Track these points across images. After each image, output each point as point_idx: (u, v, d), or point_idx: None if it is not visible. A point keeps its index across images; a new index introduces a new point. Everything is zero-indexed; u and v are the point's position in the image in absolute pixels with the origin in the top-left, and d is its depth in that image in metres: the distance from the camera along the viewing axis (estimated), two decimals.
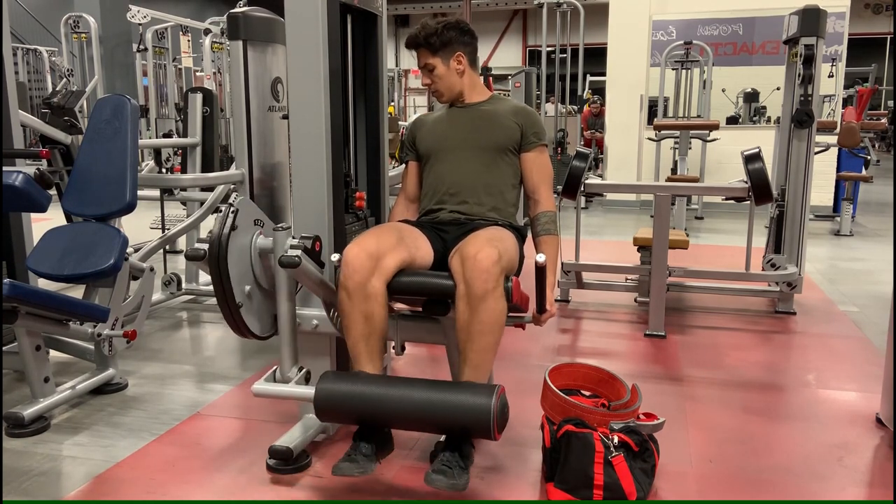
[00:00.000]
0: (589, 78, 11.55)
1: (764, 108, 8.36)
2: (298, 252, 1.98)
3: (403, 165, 2.56)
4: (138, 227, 5.10)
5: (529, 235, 2.38)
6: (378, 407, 1.88)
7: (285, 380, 2.15)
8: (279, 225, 2.06)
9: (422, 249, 2.16)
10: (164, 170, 5.60)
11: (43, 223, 2.93)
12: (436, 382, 1.96)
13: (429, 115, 2.55)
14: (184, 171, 4.35)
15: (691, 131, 7.00)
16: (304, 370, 2.17)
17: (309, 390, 2.03)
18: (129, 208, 2.66)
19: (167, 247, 4.41)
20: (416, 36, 2.32)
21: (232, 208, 2.00)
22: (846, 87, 8.92)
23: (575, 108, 9.96)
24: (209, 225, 2.28)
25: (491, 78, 8.80)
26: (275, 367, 2.17)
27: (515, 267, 2.16)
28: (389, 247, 2.04)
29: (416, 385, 1.93)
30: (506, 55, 18.79)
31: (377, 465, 1.91)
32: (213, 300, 2.16)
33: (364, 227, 2.48)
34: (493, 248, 1.95)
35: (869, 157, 7.48)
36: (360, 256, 1.98)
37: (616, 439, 1.97)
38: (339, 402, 1.91)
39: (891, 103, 16.54)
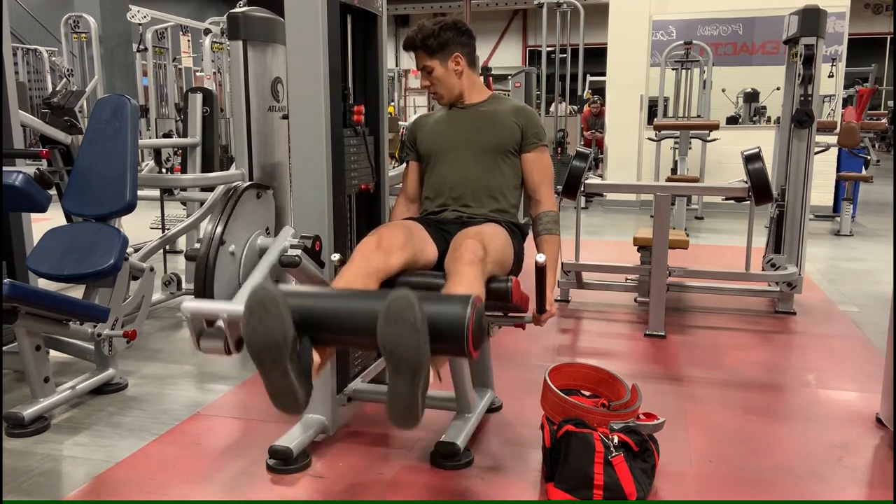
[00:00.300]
0: (589, 78, 11.55)
1: (764, 108, 8.36)
2: (298, 252, 1.98)
3: (404, 165, 2.56)
4: (138, 227, 5.10)
5: (530, 234, 2.38)
6: (324, 311, 1.64)
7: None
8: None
9: (427, 249, 2.18)
10: (164, 170, 5.61)
11: (43, 223, 2.93)
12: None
13: (429, 115, 2.55)
14: (184, 171, 4.36)
15: (691, 131, 7.00)
16: None
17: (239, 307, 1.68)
18: (129, 208, 2.66)
19: (167, 247, 4.41)
20: (414, 38, 2.32)
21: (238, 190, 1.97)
22: (846, 87, 8.92)
23: (575, 108, 9.96)
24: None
25: (491, 78, 8.80)
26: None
27: (506, 264, 2.16)
28: (398, 245, 2.05)
29: (375, 295, 1.78)
30: (506, 55, 18.79)
31: (298, 394, 1.60)
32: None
33: (362, 143, 2.43)
34: (479, 241, 1.98)
35: (869, 157, 7.49)
36: (377, 247, 2.01)
37: (616, 439, 1.97)
38: (273, 302, 1.53)
39: (891, 103, 16.54)
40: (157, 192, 4.19)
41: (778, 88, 5.84)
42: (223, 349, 1.78)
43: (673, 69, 7.79)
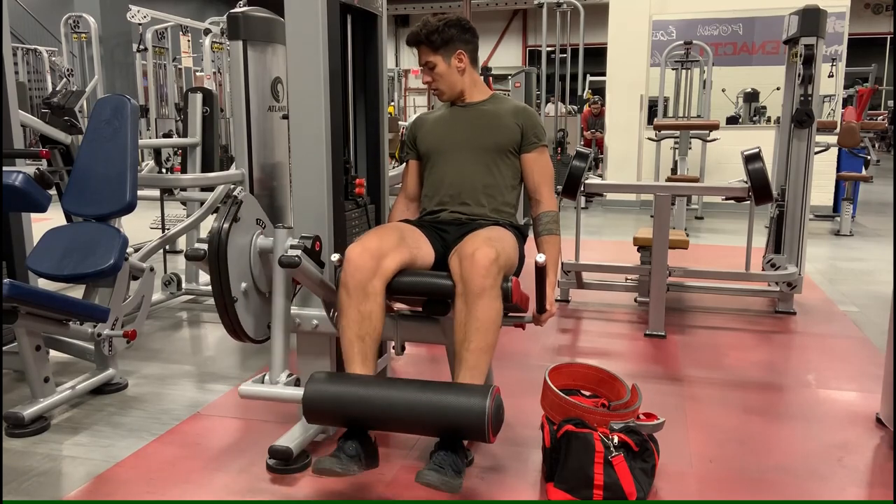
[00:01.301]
0: (589, 78, 11.54)
1: (764, 108, 8.36)
2: (298, 252, 1.99)
3: (404, 165, 2.56)
4: (138, 227, 5.10)
5: (531, 235, 2.38)
6: (368, 408, 1.83)
7: (274, 384, 2.14)
8: (279, 224, 2.06)
9: (423, 250, 2.17)
10: (164, 170, 5.60)
11: (43, 223, 2.93)
12: (428, 383, 1.92)
13: (429, 113, 2.55)
14: (184, 171, 4.35)
15: (691, 131, 7.00)
16: (293, 377, 2.17)
17: (297, 392, 2.01)
18: (129, 208, 2.66)
19: (167, 247, 4.41)
20: (418, 33, 2.32)
21: (236, 199, 2.00)
22: (846, 87, 8.92)
23: (575, 108, 9.96)
24: (209, 225, 2.27)
25: (491, 78, 8.78)
26: (266, 373, 2.17)
27: (514, 267, 2.16)
28: (391, 247, 2.04)
29: (407, 386, 1.91)
30: (506, 55, 18.78)
31: (361, 471, 1.86)
32: (213, 300, 2.16)
33: (364, 214, 2.47)
34: (491, 247, 1.95)
35: (869, 157, 7.48)
36: (363, 256, 1.98)
37: (616, 439, 1.97)
38: (328, 403, 1.86)
39: (891, 103, 16.54)
40: (157, 192, 4.19)
41: (778, 88, 5.84)
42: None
43: (673, 69, 7.79)
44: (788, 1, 4.58)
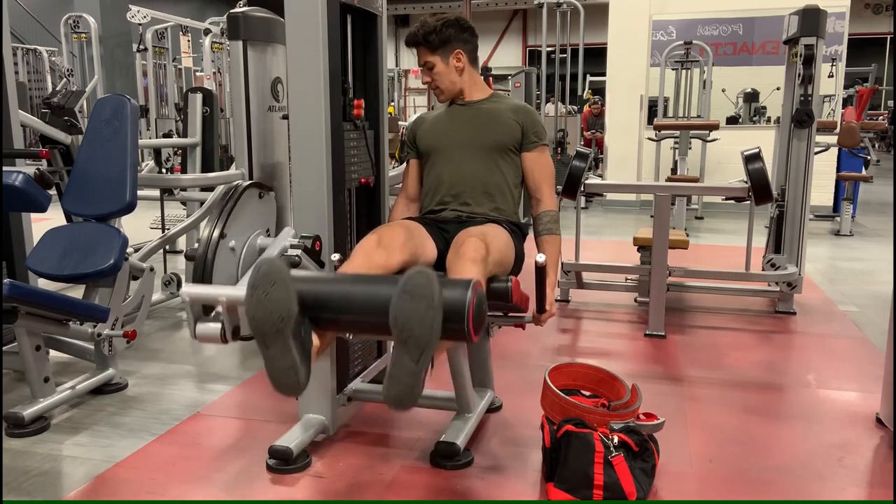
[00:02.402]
0: (589, 78, 11.54)
1: (764, 108, 8.36)
2: (298, 252, 1.98)
3: (404, 164, 2.56)
4: (138, 227, 5.09)
5: (530, 233, 2.38)
6: (329, 292, 1.67)
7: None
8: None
9: (426, 248, 2.18)
10: (164, 170, 5.60)
11: (43, 223, 2.93)
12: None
13: (429, 113, 2.56)
14: (184, 171, 4.36)
15: (691, 131, 7.00)
16: None
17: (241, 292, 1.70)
18: (129, 208, 2.66)
19: (167, 247, 4.41)
20: (416, 34, 2.32)
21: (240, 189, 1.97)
22: (846, 87, 8.92)
23: (575, 108, 9.96)
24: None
25: (491, 78, 8.78)
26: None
27: (507, 265, 2.16)
28: (399, 244, 2.05)
29: (378, 280, 1.80)
30: (506, 55, 18.78)
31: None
32: None
33: (362, 137, 2.42)
34: (481, 241, 1.98)
35: (869, 157, 7.48)
36: (378, 250, 2.01)
37: (616, 439, 1.97)
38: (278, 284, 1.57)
39: (891, 103, 16.54)
40: (157, 192, 4.19)
41: (778, 88, 5.84)
42: (220, 336, 1.76)
43: (673, 69, 7.79)
44: (788, 1, 4.58)
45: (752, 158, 3.61)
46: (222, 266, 1.98)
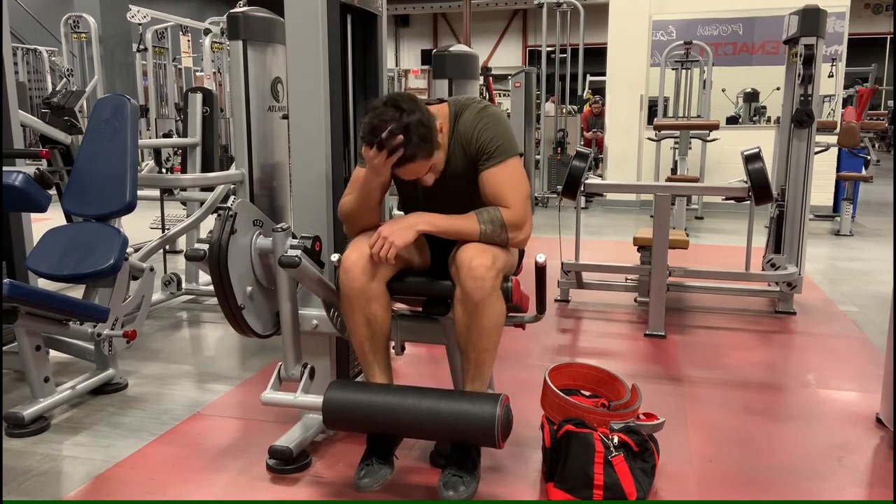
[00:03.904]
0: (589, 78, 11.54)
1: (764, 108, 8.36)
2: (298, 252, 1.98)
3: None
4: (138, 227, 5.10)
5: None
6: (386, 416, 1.91)
7: (290, 377, 2.15)
8: (279, 225, 2.05)
9: (419, 250, 2.16)
10: (164, 170, 5.60)
11: (43, 223, 2.93)
12: (442, 392, 1.98)
13: None
14: (184, 171, 4.36)
15: (691, 131, 7.00)
16: (308, 366, 2.17)
17: (317, 399, 2.02)
18: (129, 208, 2.66)
19: (167, 247, 4.41)
20: (378, 141, 1.85)
21: (230, 212, 1.99)
22: (846, 87, 8.92)
23: (575, 108, 9.96)
24: (209, 225, 2.27)
25: (491, 78, 8.78)
26: (279, 365, 2.17)
27: (514, 266, 2.15)
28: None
29: (422, 395, 1.95)
30: (506, 55, 18.79)
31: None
32: (213, 300, 2.16)
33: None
34: (487, 253, 1.93)
35: (869, 157, 7.48)
36: (359, 263, 1.96)
37: (616, 439, 1.97)
38: (347, 412, 1.95)
39: (891, 103, 16.54)
40: (157, 192, 4.19)
41: (778, 88, 5.83)
42: None
43: (673, 69, 7.79)
44: (788, 1, 4.58)
45: (752, 158, 3.60)
46: (235, 262, 2.01)
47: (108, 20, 8.92)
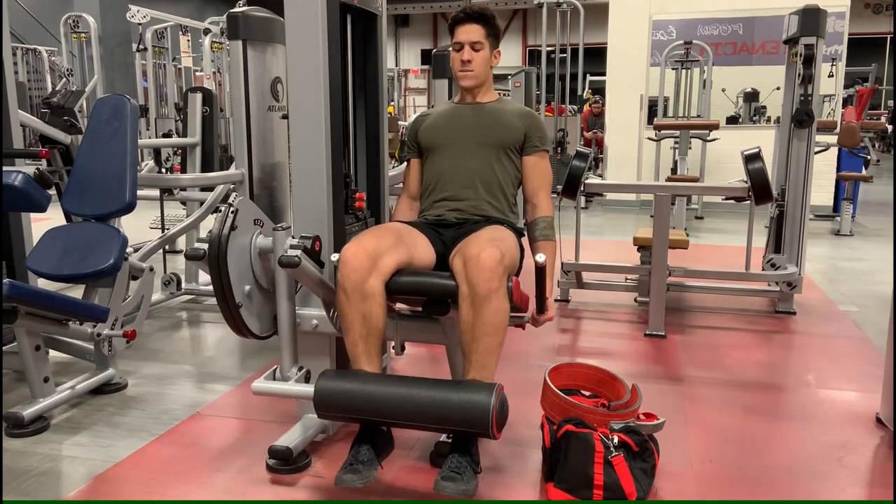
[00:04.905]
0: (589, 78, 11.54)
1: (764, 108, 8.36)
2: (298, 252, 1.98)
3: (405, 164, 2.56)
4: (138, 227, 5.10)
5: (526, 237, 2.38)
6: (378, 404, 1.88)
7: (285, 379, 2.15)
8: (279, 224, 2.05)
9: (421, 249, 2.16)
10: (163, 170, 5.60)
11: (43, 223, 2.93)
12: (436, 381, 1.95)
13: (431, 111, 2.56)
14: (183, 171, 4.35)
15: (691, 131, 7.00)
16: (303, 370, 2.17)
17: (308, 388, 2.03)
18: (129, 208, 2.66)
19: (167, 247, 4.41)
20: (477, 12, 2.33)
21: (231, 208, 2.00)
22: (846, 87, 8.93)
23: (574, 108, 9.96)
24: (209, 225, 2.27)
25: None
26: (275, 367, 2.17)
27: (517, 266, 2.16)
28: (388, 246, 2.03)
29: (416, 383, 1.93)
30: (506, 55, 18.42)
31: (378, 471, 1.90)
32: (213, 300, 2.16)
33: (364, 228, 2.47)
34: (496, 247, 1.95)
35: (869, 157, 7.48)
36: (357, 256, 1.97)
37: (616, 439, 1.97)
38: (340, 400, 1.91)
39: (891, 103, 16.54)
40: (156, 192, 4.19)
41: (778, 88, 5.83)
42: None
43: (673, 69, 7.79)
44: (788, 1, 4.57)
45: (752, 158, 3.61)
46: (235, 259, 2.01)
47: (108, 20, 8.93)
